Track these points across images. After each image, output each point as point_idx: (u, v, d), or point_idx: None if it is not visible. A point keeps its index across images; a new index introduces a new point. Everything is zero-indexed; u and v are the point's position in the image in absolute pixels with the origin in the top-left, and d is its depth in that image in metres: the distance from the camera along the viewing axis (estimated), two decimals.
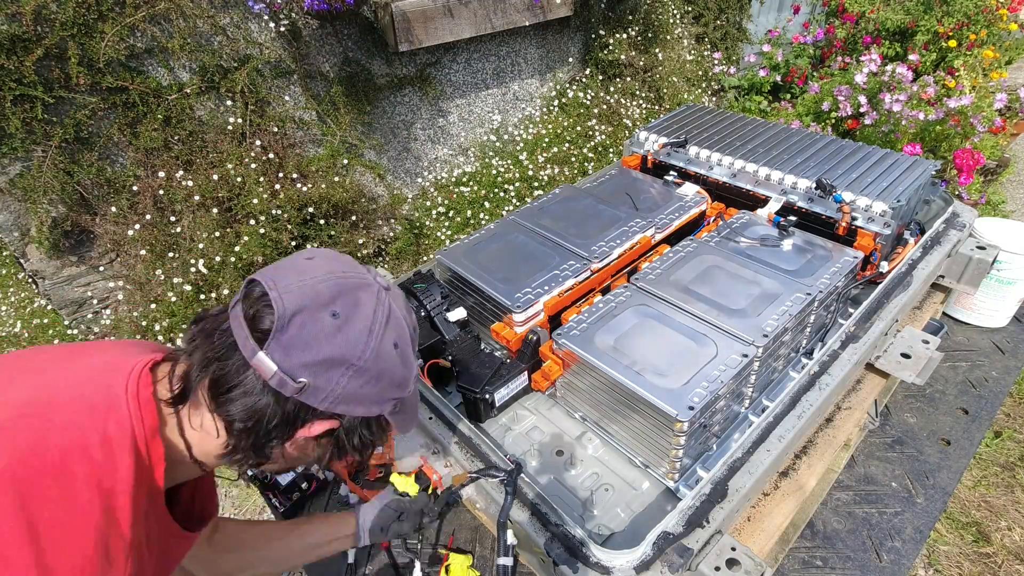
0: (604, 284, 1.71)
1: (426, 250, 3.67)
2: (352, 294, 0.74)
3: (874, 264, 1.75)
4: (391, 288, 0.81)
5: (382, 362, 0.75)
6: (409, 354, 0.79)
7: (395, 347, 0.77)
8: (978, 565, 2.03)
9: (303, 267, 0.76)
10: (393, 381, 0.78)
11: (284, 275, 0.74)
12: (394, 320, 0.77)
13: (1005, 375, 1.92)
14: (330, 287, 0.73)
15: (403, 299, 0.83)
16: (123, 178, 2.76)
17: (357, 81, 3.34)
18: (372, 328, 0.74)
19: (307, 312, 0.71)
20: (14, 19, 2.34)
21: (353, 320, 0.73)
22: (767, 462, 1.26)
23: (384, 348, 0.75)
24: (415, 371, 0.83)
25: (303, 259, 0.79)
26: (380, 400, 0.78)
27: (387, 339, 0.75)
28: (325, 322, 0.71)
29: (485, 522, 1.48)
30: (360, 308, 0.74)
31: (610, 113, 4.33)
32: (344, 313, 0.72)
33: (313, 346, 0.70)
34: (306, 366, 0.71)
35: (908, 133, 3.75)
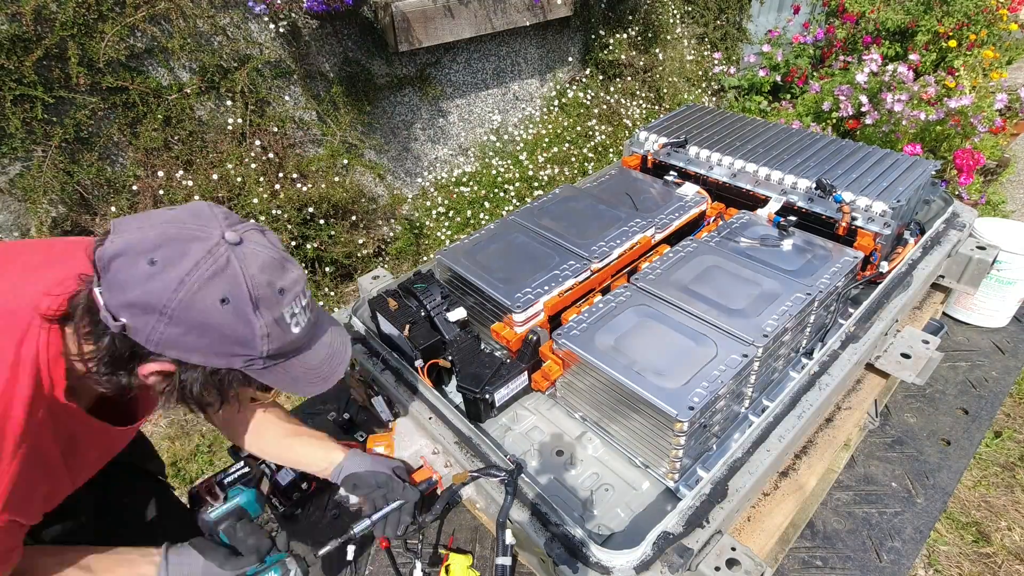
0: (604, 284, 1.71)
1: (426, 250, 3.68)
2: (179, 245, 0.77)
3: (874, 264, 1.75)
4: (244, 243, 0.81)
5: (198, 314, 0.76)
6: (247, 312, 0.79)
7: (223, 302, 0.77)
8: (978, 565, 2.03)
9: (157, 215, 0.81)
10: (226, 336, 0.79)
11: (133, 221, 0.80)
12: (227, 275, 0.78)
13: (1005, 375, 1.92)
14: (158, 235, 0.77)
15: (265, 259, 0.82)
16: (123, 178, 2.76)
17: (357, 81, 3.35)
18: (184, 280, 0.75)
19: (126, 256, 0.76)
20: (14, 19, 2.34)
21: (168, 270, 0.75)
22: (767, 462, 1.26)
23: (200, 300, 0.76)
24: (266, 331, 0.82)
25: (167, 208, 0.84)
26: (217, 352, 0.81)
27: (208, 292, 0.77)
28: (140, 268, 0.75)
29: (485, 522, 1.48)
30: (182, 260, 0.76)
31: (610, 113, 4.34)
32: (162, 262, 0.75)
33: (126, 289, 0.75)
34: (123, 307, 0.76)
35: (908, 133, 3.75)
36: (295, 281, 0.86)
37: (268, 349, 0.83)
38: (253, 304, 0.79)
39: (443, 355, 1.57)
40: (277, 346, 0.84)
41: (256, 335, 0.81)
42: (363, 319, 1.76)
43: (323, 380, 0.93)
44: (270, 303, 0.81)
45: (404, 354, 1.63)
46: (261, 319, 0.81)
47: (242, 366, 0.83)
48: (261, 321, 0.81)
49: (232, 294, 0.78)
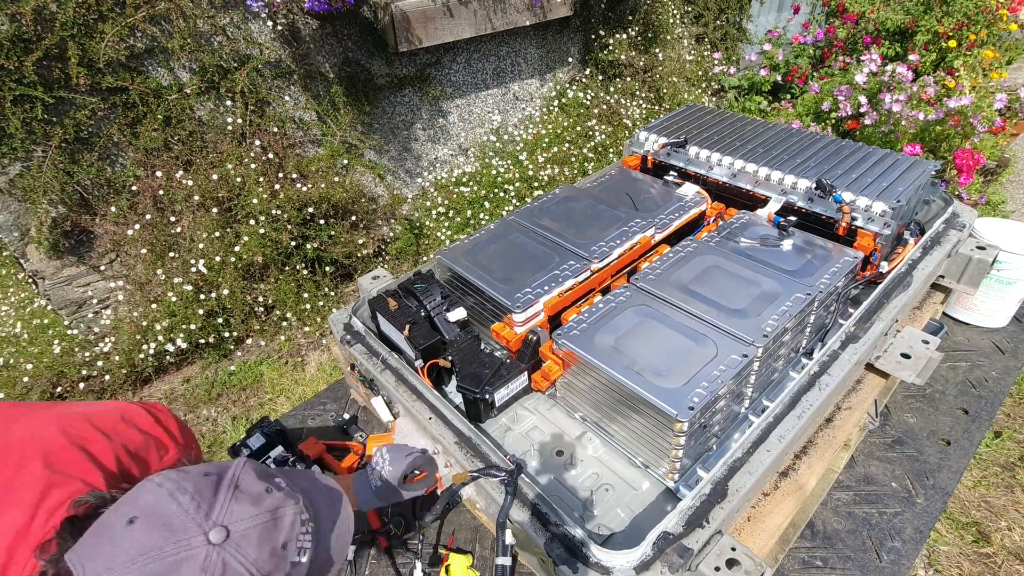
0: (604, 284, 1.71)
1: (426, 250, 3.68)
2: None
3: (874, 264, 1.75)
4: (232, 534, 0.73)
5: None
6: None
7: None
8: (978, 565, 2.03)
9: (118, 544, 0.71)
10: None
11: (95, 557, 0.70)
12: None
13: (1005, 375, 1.92)
14: (139, 572, 0.68)
15: (258, 537, 0.75)
16: (123, 178, 2.76)
17: (357, 81, 3.35)
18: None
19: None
20: (14, 19, 2.34)
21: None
22: (767, 462, 1.26)
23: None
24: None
25: (122, 526, 0.72)
26: None
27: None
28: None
29: (485, 522, 1.48)
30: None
31: (610, 113, 4.33)
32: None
33: None
34: None
35: (908, 133, 3.75)
36: (292, 525, 0.80)
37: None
38: (283, 570, 0.76)
39: (443, 355, 1.57)
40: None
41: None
42: (363, 319, 1.76)
43: (340, 556, 0.90)
44: (278, 564, 0.76)
45: (404, 354, 1.64)
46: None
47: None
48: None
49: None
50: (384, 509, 1.59)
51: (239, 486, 0.79)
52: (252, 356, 3.11)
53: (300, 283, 3.19)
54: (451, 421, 1.42)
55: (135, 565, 0.68)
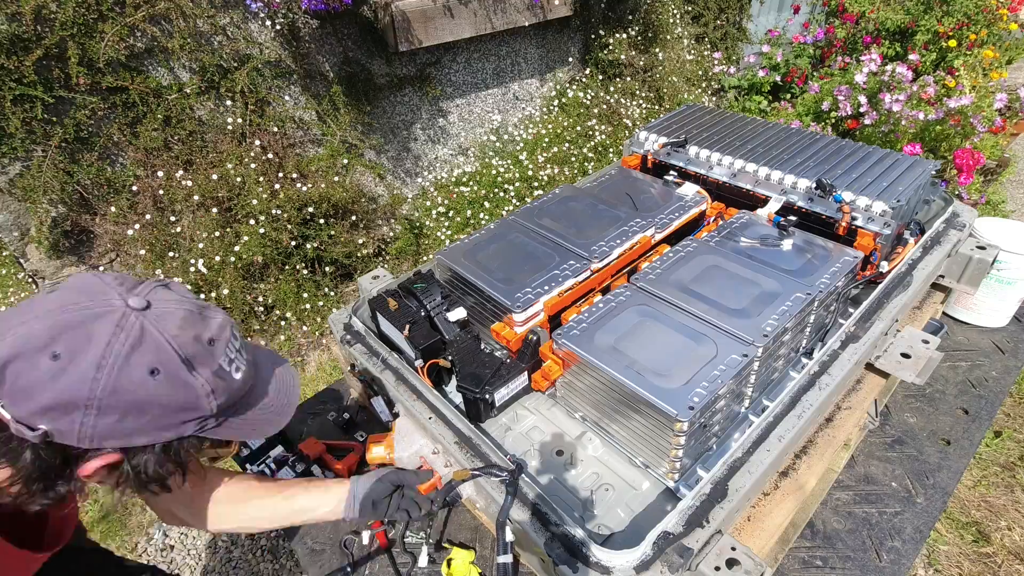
0: (604, 284, 1.71)
1: (426, 250, 3.68)
2: (81, 328, 0.68)
3: (874, 264, 1.75)
4: (153, 305, 0.73)
5: (129, 394, 0.69)
6: (182, 376, 0.72)
7: (153, 373, 0.70)
8: (978, 565, 2.03)
9: (36, 304, 0.71)
10: (169, 407, 0.72)
11: (11, 317, 0.70)
12: (148, 345, 0.70)
13: (1005, 375, 1.92)
14: (50, 326, 0.68)
15: (181, 314, 0.74)
16: (123, 178, 2.76)
17: (357, 81, 3.35)
18: (102, 363, 0.67)
19: (22, 359, 0.66)
20: (14, 19, 2.34)
21: (78, 358, 0.67)
22: (767, 462, 1.26)
23: (125, 380, 0.68)
24: (210, 387, 0.75)
25: (45, 293, 0.74)
26: (164, 426, 0.73)
27: (131, 369, 0.69)
28: (43, 366, 0.66)
29: (485, 522, 1.48)
30: (91, 343, 0.68)
31: (610, 113, 4.34)
32: (68, 352, 0.67)
33: (34, 394, 0.66)
34: (37, 413, 0.67)
35: (908, 133, 3.75)
36: (221, 327, 0.79)
37: (216, 405, 0.77)
38: (186, 364, 0.73)
39: (443, 355, 1.57)
40: (224, 399, 0.78)
41: (200, 395, 0.74)
42: (363, 319, 1.76)
43: (279, 415, 0.88)
44: (204, 358, 0.75)
45: (404, 354, 1.64)
46: (200, 377, 0.74)
47: (194, 431, 0.77)
48: (200, 379, 0.74)
49: (160, 362, 0.71)
50: None
51: (168, 284, 0.79)
52: None
53: (300, 283, 3.19)
54: (451, 421, 1.43)
55: (49, 316, 0.68)
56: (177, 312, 0.75)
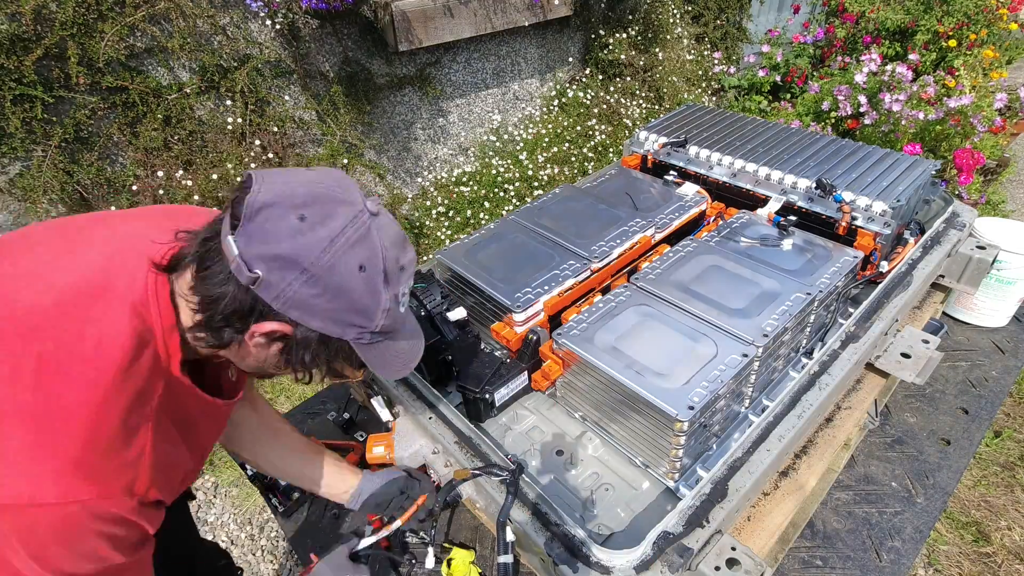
0: (604, 284, 1.71)
1: (426, 250, 3.68)
2: (328, 205, 0.75)
3: (874, 264, 1.75)
4: (380, 215, 0.80)
5: (338, 277, 0.75)
6: (377, 284, 0.78)
7: (360, 269, 0.76)
8: (978, 565, 2.03)
9: (298, 173, 0.80)
10: (354, 304, 0.77)
11: (276, 174, 0.78)
12: (368, 244, 0.77)
13: (1005, 375, 1.92)
14: (308, 192, 0.75)
15: (394, 233, 0.82)
16: (123, 178, 2.76)
17: (357, 81, 3.34)
18: (335, 240, 0.74)
19: (276, 207, 0.73)
20: (14, 19, 2.34)
21: (318, 228, 0.73)
22: (767, 462, 1.26)
23: (343, 264, 0.75)
24: (387, 306, 0.81)
25: (306, 168, 0.82)
26: (339, 320, 0.78)
27: (351, 257, 0.75)
28: (290, 221, 0.73)
29: (485, 522, 1.48)
30: (331, 220, 0.74)
31: (610, 113, 4.33)
32: (312, 219, 0.74)
33: (271, 240, 0.72)
34: (262, 258, 0.72)
35: (908, 133, 3.75)
36: (412, 261, 0.85)
37: (382, 324, 0.82)
38: (384, 277, 0.79)
39: (443, 355, 1.57)
40: (389, 322, 0.83)
41: (379, 308, 0.80)
42: None
43: (404, 365, 0.92)
44: (395, 278, 0.81)
45: None
46: (387, 292, 0.80)
47: (353, 338, 0.81)
48: (386, 295, 0.80)
49: (369, 263, 0.77)
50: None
51: (388, 213, 0.85)
52: None
53: None
54: (451, 421, 1.43)
55: (309, 185, 0.77)
56: (392, 230, 0.82)
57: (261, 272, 0.73)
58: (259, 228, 0.73)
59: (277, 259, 0.72)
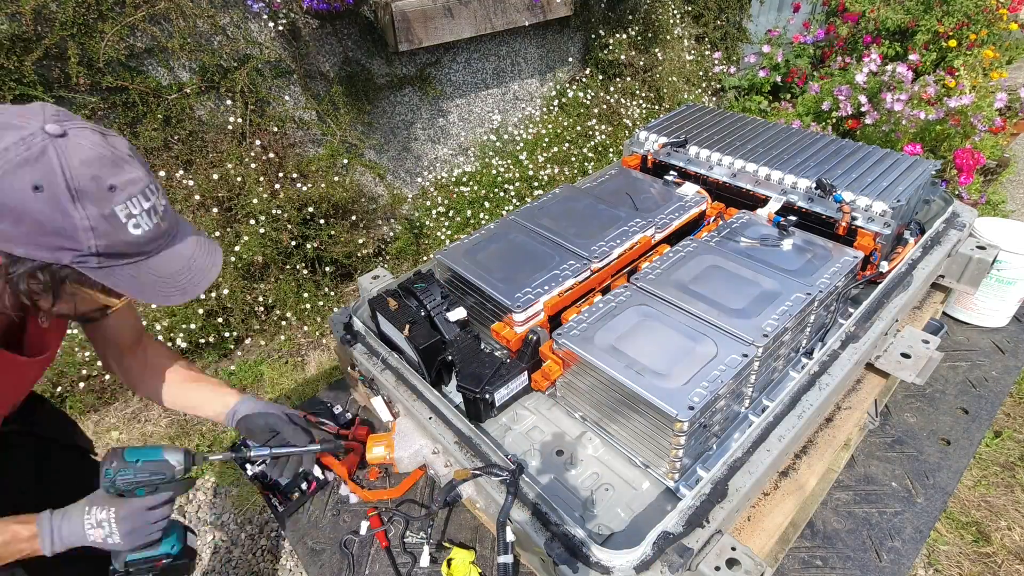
0: (604, 284, 1.71)
1: (426, 250, 3.68)
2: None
3: (874, 264, 1.75)
4: (69, 135, 0.78)
5: (10, 200, 0.74)
6: (64, 202, 0.77)
7: (36, 189, 0.75)
8: (978, 565, 2.03)
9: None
10: (43, 226, 0.77)
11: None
12: (41, 164, 0.75)
13: (1005, 375, 1.92)
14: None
15: (92, 154, 0.80)
16: None
17: (357, 81, 3.35)
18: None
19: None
20: (14, 19, 2.34)
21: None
22: (767, 462, 1.26)
23: (7, 185, 0.74)
24: (91, 224, 0.79)
25: (14, 106, 0.82)
26: (38, 244, 0.78)
27: (17, 177, 0.74)
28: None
29: (485, 522, 1.48)
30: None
31: (610, 113, 4.34)
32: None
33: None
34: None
35: (908, 133, 3.75)
36: (132, 181, 0.83)
37: (96, 245, 0.81)
38: (71, 195, 0.77)
39: (443, 355, 1.57)
40: (107, 243, 0.81)
41: (77, 227, 0.78)
42: (363, 319, 1.76)
43: (179, 292, 0.90)
44: (96, 198, 0.79)
45: (404, 354, 1.64)
46: (82, 211, 0.78)
47: (72, 261, 0.81)
48: (82, 214, 0.78)
49: (47, 182, 0.76)
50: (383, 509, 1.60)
51: (105, 134, 0.83)
52: (252, 356, 3.11)
53: (300, 283, 3.19)
54: (451, 421, 1.43)
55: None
56: (89, 150, 0.79)
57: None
58: None
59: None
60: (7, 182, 0.74)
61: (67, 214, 0.77)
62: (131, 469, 1.01)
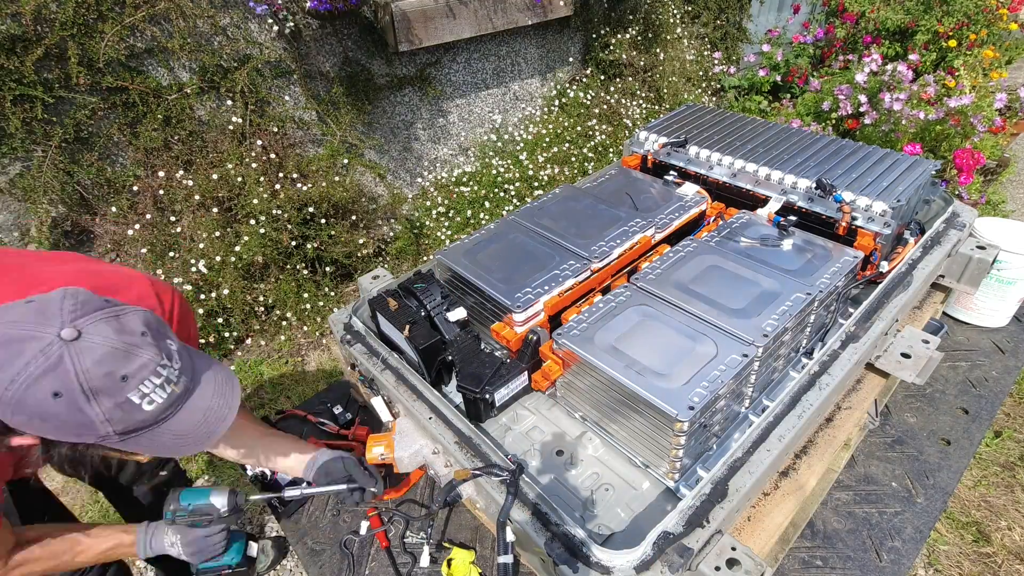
0: (604, 284, 1.71)
1: (426, 250, 3.68)
2: (16, 346, 0.84)
3: (874, 264, 1.75)
4: (82, 339, 0.87)
5: (35, 407, 0.84)
6: (80, 403, 0.85)
7: (55, 396, 0.84)
8: (978, 565, 2.03)
9: (12, 310, 0.89)
10: (65, 424, 0.87)
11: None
12: (59, 373, 0.84)
13: (1005, 375, 1.92)
14: (1, 332, 0.86)
15: (102, 352, 0.87)
16: (123, 178, 2.76)
17: (357, 81, 3.35)
18: (15, 378, 0.83)
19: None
20: (14, 19, 2.34)
21: (4, 368, 0.83)
22: (767, 462, 1.26)
23: (31, 396, 0.84)
24: (107, 416, 0.88)
25: (27, 301, 0.91)
26: (66, 433, 0.89)
27: (38, 388, 0.83)
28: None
29: (485, 522, 1.48)
30: (15, 359, 0.84)
31: (610, 113, 4.34)
32: (0, 360, 0.84)
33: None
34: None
35: (908, 133, 3.75)
36: (143, 366, 0.90)
37: (114, 430, 0.89)
38: (86, 396, 0.85)
39: (443, 355, 1.57)
40: (124, 426, 0.90)
41: (95, 421, 0.87)
42: (363, 319, 1.76)
43: (196, 443, 0.99)
44: (109, 391, 0.87)
45: (404, 354, 1.64)
46: (97, 408, 0.86)
47: (96, 441, 0.91)
48: (98, 410, 0.87)
49: (64, 388, 0.84)
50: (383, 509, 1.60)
51: (119, 317, 0.92)
52: (252, 356, 3.11)
53: (300, 283, 3.19)
54: (451, 421, 1.43)
55: (5, 317, 0.87)
56: (100, 349, 0.87)
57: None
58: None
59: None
60: (30, 393, 0.84)
61: (84, 412, 0.86)
62: (184, 511, 1.27)
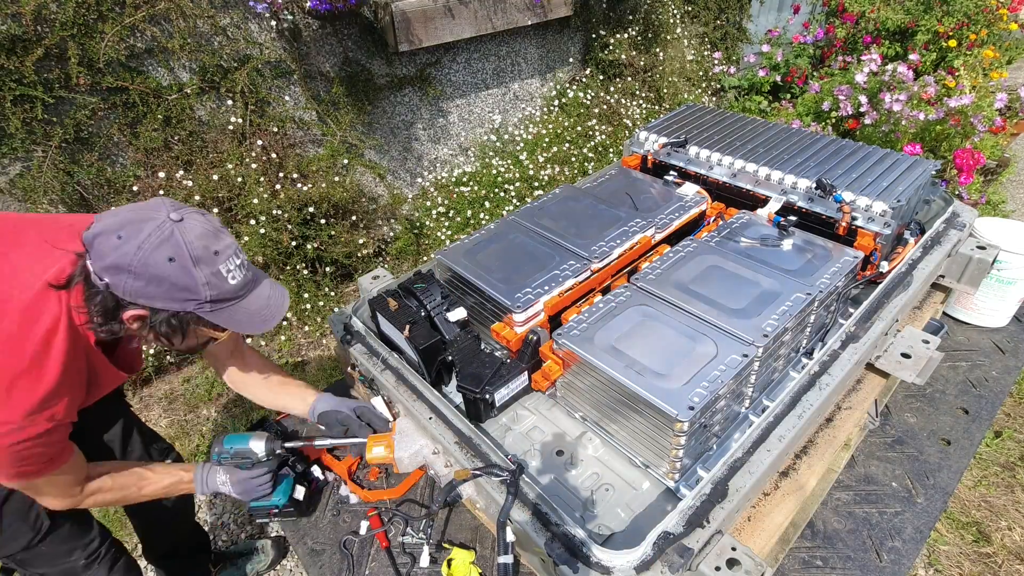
0: (604, 284, 1.71)
1: (426, 250, 3.68)
2: (138, 224, 1.05)
3: (874, 264, 1.75)
4: (185, 220, 1.08)
5: (154, 269, 1.04)
6: (189, 267, 1.06)
7: (170, 260, 1.05)
8: (978, 565, 2.03)
9: (127, 208, 1.10)
10: (176, 285, 1.06)
11: (107, 213, 1.10)
12: (172, 242, 1.05)
13: (1005, 375, 1.92)
14: (122, 219, 1.06)
15: (201, 230, 1.09)
16: (123, 178, 2.76)
17: (357, 81, 3.35)
18: (142, 246, 1.03)
19: (102, 235, 1.05)
20: (14, 19, 2.34)
21: (130, 240, 1.03)
22: (767, 462, 1.26)
23: (152, 259, 1.04)
24: (206, 280, 1.08)
25: (137, 203, 1.13)
26: (173, 298, 1.08)
27: (158, 253, 1.04)
28: (111, 241, 1.04)
29: (485, 522, 1.48)
30: (139, 233, 1.04)
31: (610, 113, 4.34)
32: (126, 236, 1.04)
33: (104, 257, 1.04)
34: (104, 270, 1.05)
35: (908, 133, 3.75)
36: (227, 246, 1.13)
37: (210, 295, 1.10)
38: (193, 261, 1.06)
39: (443, 355, 1.57)
40: (216, 293, 1.10)
41: (198, 283, 1.08)
42: (363, 319, 1.76)
43: (263, 322, 1.20)
44: (208, 261, 1.08)
45: (404, 354, 1.64)
46: (200, 272, 1.07)
47: (194, 308, 1.10)
48: (200, 273, 1.07)
49: (176, 254, 1.05)
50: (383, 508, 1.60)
51: (204, 213, 1.14)
52: None
53: (300, 283, 3.19)
54: (451, 421, 1.43)
55: (125, 213, 1.08)
56: (199, 227, 1.09)
57: (107, 279, 1.05)
58: (96, 251, 1.05)
59: (110, 268, 1.04)
60: (152, 257, 1.04)
61: (191, 275, 1.07)
62: (227, 454, 1.45)
